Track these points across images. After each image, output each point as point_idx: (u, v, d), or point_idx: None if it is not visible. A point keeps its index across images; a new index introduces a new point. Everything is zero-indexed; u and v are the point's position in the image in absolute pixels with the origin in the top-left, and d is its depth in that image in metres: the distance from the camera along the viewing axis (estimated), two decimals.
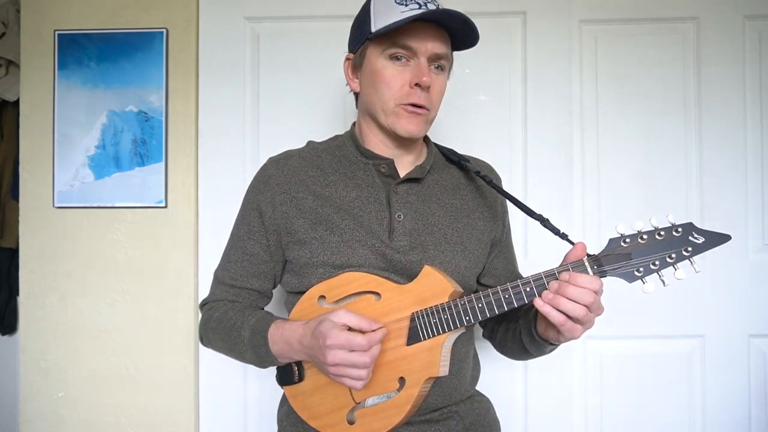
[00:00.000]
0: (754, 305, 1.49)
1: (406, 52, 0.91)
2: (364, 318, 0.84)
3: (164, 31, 1.51)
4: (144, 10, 1.52)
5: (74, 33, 1.51)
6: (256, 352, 0.94)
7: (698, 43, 1.51)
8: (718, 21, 1.50)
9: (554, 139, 1.50)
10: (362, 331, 0.83)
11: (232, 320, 0.97)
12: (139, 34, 1.51)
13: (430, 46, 0.91)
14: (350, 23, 1.01)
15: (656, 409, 1.50)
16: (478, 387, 1.09)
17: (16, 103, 1.62)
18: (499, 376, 1.47)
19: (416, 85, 0.91)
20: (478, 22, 1.49)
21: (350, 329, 0.83)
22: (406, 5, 0.90)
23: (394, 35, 0.90)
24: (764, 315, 1.49)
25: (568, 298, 0.80)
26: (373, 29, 0.91)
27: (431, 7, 0.90)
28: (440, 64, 0.94)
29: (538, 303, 0.82)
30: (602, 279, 0.83)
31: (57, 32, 1.51)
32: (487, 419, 1.04)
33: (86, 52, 1.51)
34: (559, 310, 0.80)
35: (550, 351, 0.98)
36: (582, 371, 1.52)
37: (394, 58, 0.92)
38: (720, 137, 1.50)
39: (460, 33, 0.93)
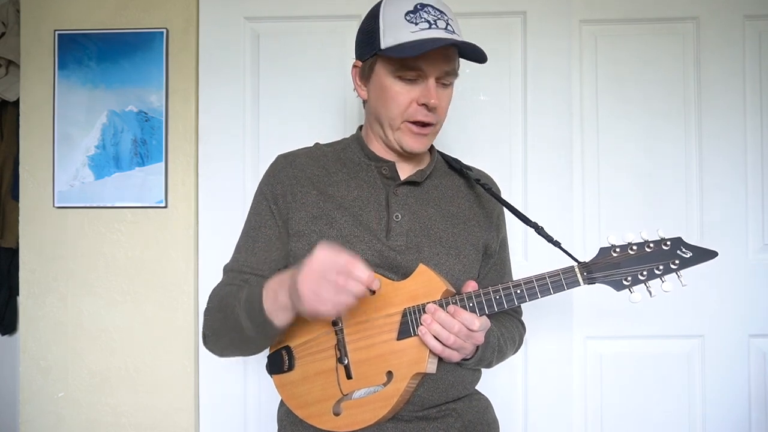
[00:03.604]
0: (754, 305, 1.49)
1: (416, 74, 0.92)
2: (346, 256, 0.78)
3: (164, 31, 1.51)
4: (144, 10, 1.52)
5: (74, 33, 1.51)
6: (247, 310, 0.89)
7: (698, 43, 1.51)
8: (718, 21, 1.50)
9: (554, 139, 1.50)
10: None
11: (232, 293, 0.95)
12: (139, 34, 1.51)
13: (440, 67, 0.92)
14: (350, 23, 1.01)
15: (656, 409, 1.50)
16: (478, 387, 1.09)
17: (16, 103, 1.62)
18: (499, 376, 1.46)
19: (423, 104, 0.93)
20: (478, 22, 1.52)
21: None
22: (416, 24, 0.90)
23: (405, 57, 0.90)
24: (764, 315, 1.49)
25: (439, 324, 0.85)
26: (382, 45, 0.91)
27: (440, 24, 0.90)
28: (448, 79, 0.95)
29: (421, 331, 0.86)
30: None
31: (57, 32, 1.51)
32: (485, 418, 1.05)
33: (86, 52, 1.51)
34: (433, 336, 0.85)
35: (476, 366, 0.98)
36: (582, 371, 1.52)
37: (404, 78, 0.93)
38: (720, 137, 1.51)
39: (469, 51, 0.93)
